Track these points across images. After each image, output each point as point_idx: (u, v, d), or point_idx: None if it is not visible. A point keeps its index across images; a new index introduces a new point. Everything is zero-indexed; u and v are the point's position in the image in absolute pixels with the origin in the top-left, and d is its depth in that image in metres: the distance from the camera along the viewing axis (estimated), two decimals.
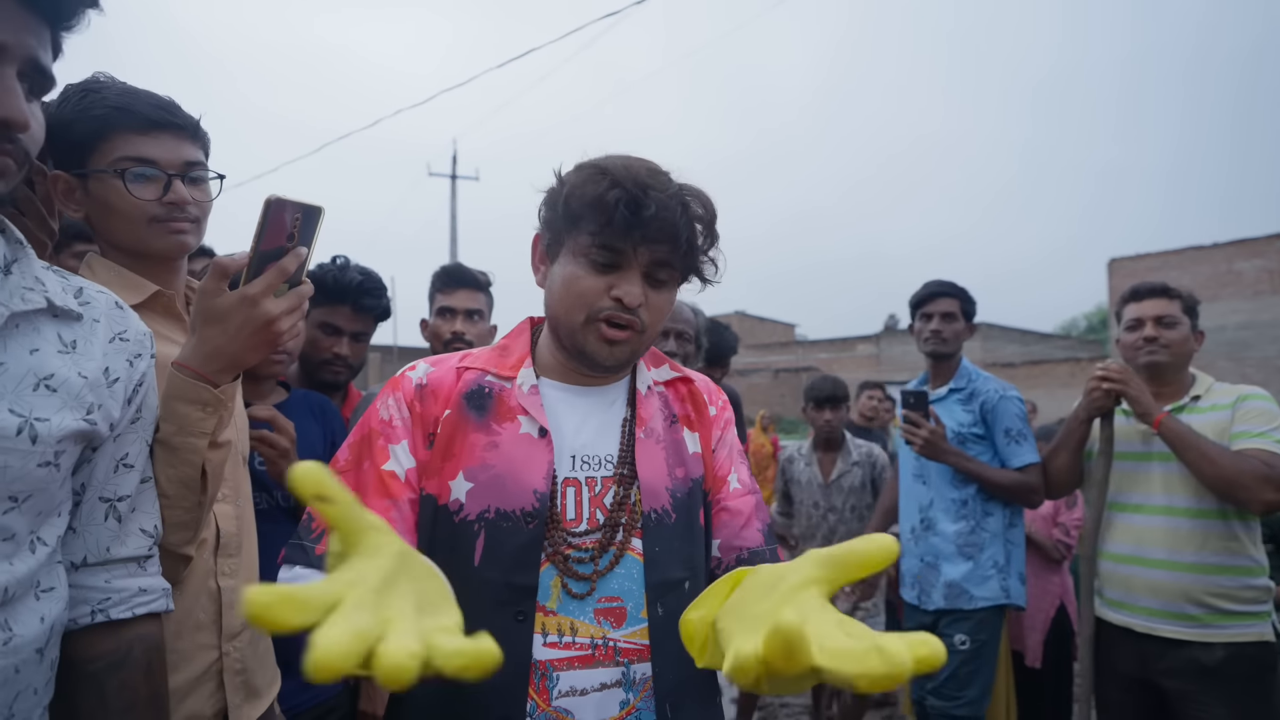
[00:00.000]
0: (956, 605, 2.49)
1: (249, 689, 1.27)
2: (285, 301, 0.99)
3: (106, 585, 0.93)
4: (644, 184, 0.97)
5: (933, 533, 2.58)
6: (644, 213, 0.95)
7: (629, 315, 0.99)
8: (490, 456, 0.99)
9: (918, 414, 2.51)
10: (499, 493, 0.97)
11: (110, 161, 1.13)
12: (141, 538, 0.98)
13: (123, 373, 0.94)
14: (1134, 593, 2.15)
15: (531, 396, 1.04)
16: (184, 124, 1.19)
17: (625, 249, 0.98)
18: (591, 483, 1.02)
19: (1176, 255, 14.29)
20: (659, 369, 1.16)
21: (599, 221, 0.97)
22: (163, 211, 1.16)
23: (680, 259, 1.00)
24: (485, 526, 0.96)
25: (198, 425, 1.01)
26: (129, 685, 0.93)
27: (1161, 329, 2.19)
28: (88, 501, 0.93)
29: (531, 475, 0.98)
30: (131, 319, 0.99)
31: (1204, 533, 2.06)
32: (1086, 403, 2.25)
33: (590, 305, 0.99)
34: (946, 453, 2.48)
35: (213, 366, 0.99)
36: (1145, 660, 2.12)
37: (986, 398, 2.56)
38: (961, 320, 2.66)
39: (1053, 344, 20.50)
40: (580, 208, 0.98)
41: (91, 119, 1.13)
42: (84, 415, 0.87)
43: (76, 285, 0.94)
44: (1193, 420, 2.12)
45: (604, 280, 0.99)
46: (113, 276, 1.18)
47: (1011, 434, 2.50)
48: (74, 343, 0.89)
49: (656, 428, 1.08)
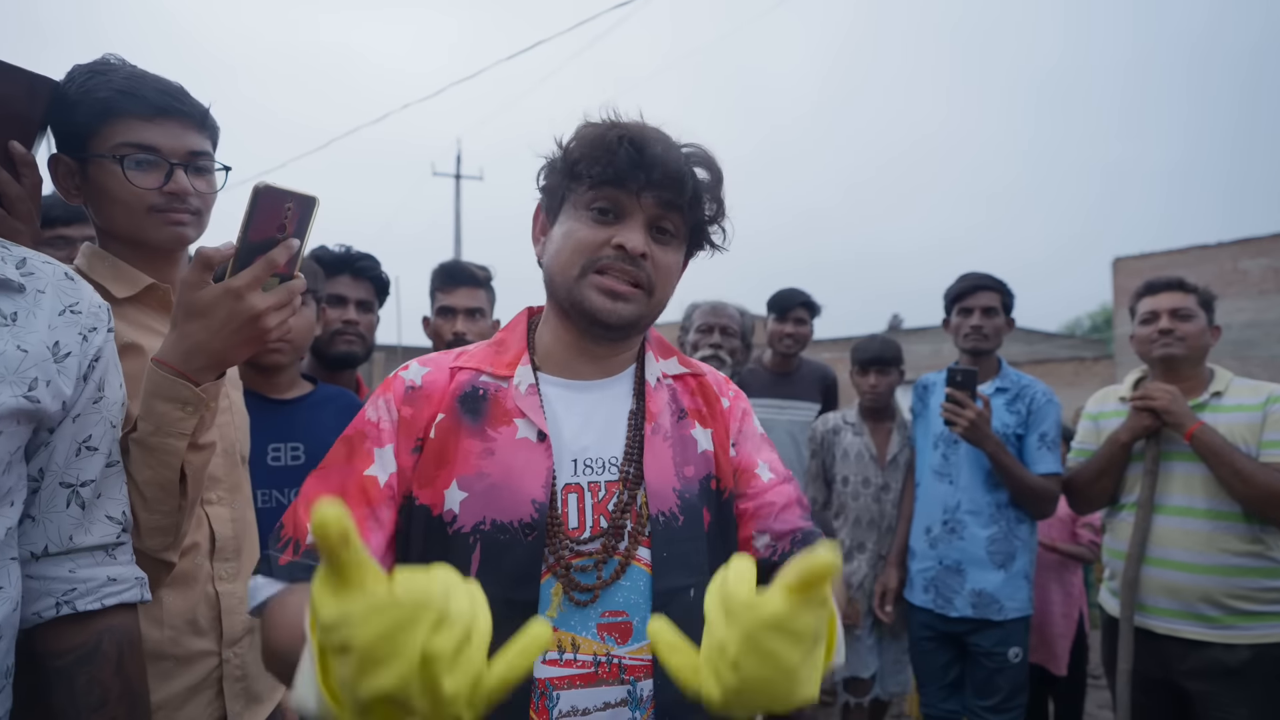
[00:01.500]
0: (985, 615, 2.40)
1: (250, 695, 1.24)
2: (274, 296, 0.94)
3: (71, 575, 0.89)
4: (647, 130, 0.94)
5: (958, 536, 2.48)
6: (647, 153, 0.92)
7: (632, 267, 0.94)
8: (486, 464, 0.93)
9: (964, 393, 2.34)
10: (495, 503, 0.92)
11: (111, 147, 1.10)
12: (108, 525, 0.93)
13: (75, 347, 0.89)
14: (1153, 594, 2.12)
15: (529, 397, 0.97)
16: (191, 112, 1.16)
17: (628, 196, 0.94)
18: (595, 488, 0.96)
19: (1181, 254, 14.19)
20: (667, 360, 1.10)
21: (601, 164, 0.93)
22: (162, 201, 1.13)
23: (687, 209, 0.96)
24: (481, 539, 0.91)
25: (177, 425, 0.96)
26: (99, 680, 0.89)
27: (1177, 321, 2.15)
28: (47, 487, 0.88)
29: (529, 483, 0.93)
30: (84, 291, 0.93)
31: (1223, 534, 2.03)
32: (1130, 425, 2.20)
33: (590, 254, 0.94)
34: (988, 439, 2.34)
35: (194, 364, 0.95)
36: (1167, 662, 2.09)
37: (1034, 398, 2.47)
38: (1002, 315, 2.55)
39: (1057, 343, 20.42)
40: (581, 154, 0.95)
41: (95, 101, 1.09)
42: (25, 392, 0.81)
43: (19, 255, 0.88)
44: (1218, 419, 2.09)
45: (605, 231, 0.95)
46: (106, 267, 1.15)
47: (1046, 440, 2.42)
48: (14, 315, 0.83)
49: (664, 423, 1.02)
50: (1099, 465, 2.29)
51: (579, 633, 0.92)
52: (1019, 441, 2.44)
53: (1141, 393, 2.18)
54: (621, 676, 0.92)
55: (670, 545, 0.96)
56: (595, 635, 0.92)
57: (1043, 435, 2.42)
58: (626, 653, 0.92)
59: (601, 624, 0.93)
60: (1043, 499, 2.36)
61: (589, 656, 0.91)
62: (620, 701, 0.91)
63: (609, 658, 0.92)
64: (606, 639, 0.92)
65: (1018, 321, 2.69)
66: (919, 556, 2.59)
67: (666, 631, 0.66)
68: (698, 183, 0.96)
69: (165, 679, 1.12)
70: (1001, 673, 2.39)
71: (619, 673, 0.92)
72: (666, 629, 0.66)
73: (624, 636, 0.93)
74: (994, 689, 2.40)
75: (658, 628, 0.66)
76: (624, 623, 0.93)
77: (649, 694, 0.93)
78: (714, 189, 0.99)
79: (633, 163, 0.92)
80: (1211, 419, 2.10)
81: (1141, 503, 2.17)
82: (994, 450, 2.34)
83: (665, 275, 0.98)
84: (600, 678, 0.91)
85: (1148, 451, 2.19)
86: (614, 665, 0.92)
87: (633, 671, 0.92)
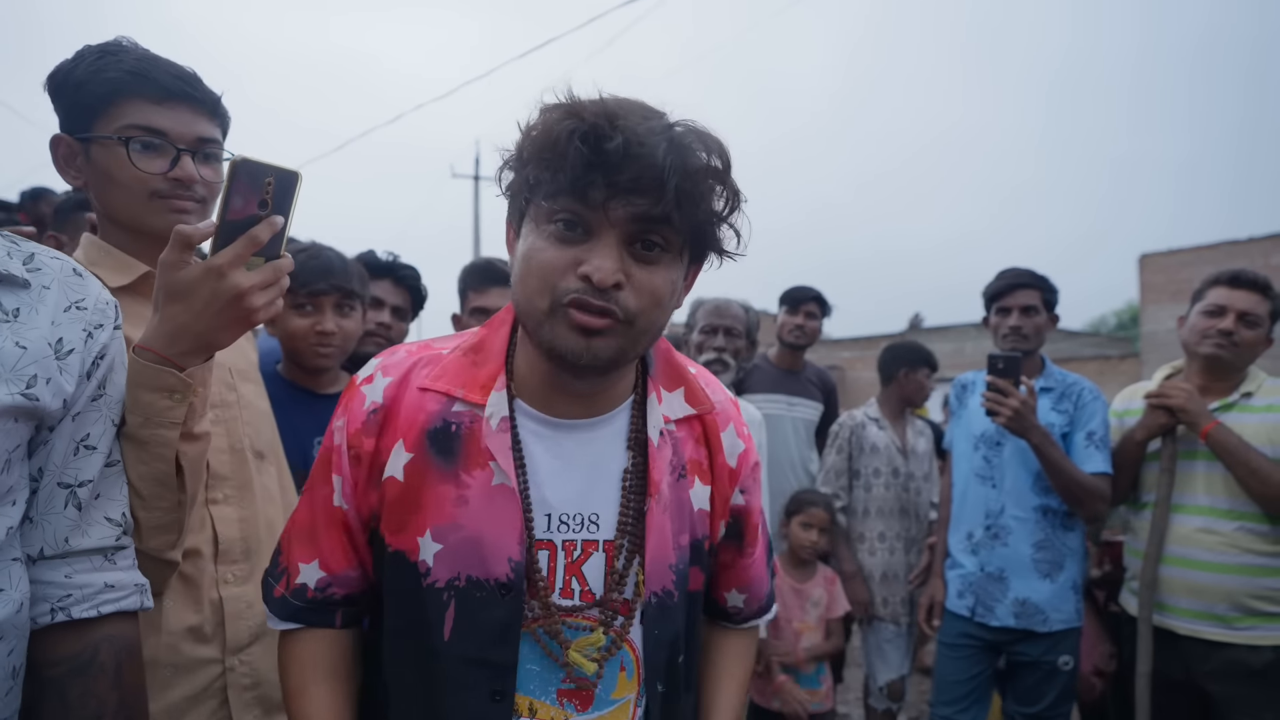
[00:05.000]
0: (1029, 626, 2.30)
1: (266, 704, 1.20)
2: (258, 275, 0.89)
3: (67, 581, 0.85)
4: (611, 114, 0.73)
5: (1001, 543, 2.37)
6: (607, 147, 0.71)
7: (600, 300, 0.76)
8: (460, 514, 0.85)
9: (1007, 381, 2.22)
10: (470, 558, 0.84)
11: (117, 128, 1.07)
12: (107, 527, 0.89)
13: (79, 344, 0.86)
14: (1175, 594, 2.07)
15: (500, 435, 0.85)
16: (203, 98, 1.12)
17: (591, 207, 0.74)
18: (570, 547, 0.86)
19: (1211, 250, 13.89)
20: (673, 395, 0.93)
21: (553, 169, 0.73)
22: (166, 187, 1.09)
23: (677, 215, 0.74)
24: (455, 596, 0.84)
25: (166, 414, 0.92)
26: (94, 693, 0.85)
27: (1242, 326, 2.06)
28: (45, 488, 0.85)
29: (505, 539, 0.84)
30: (91, 286, 0.90)
31: (1246, 534, 1.99)
32: (1145, 423, 2.15)
33: (554, 287, 0.76)
34: (1034, 429, 2.21)
35: (178, 348, 0.90)
36: (1188, 663, 2.05)
37: (1081, 395, 2.36)
38: (1044, 312, 2.45)
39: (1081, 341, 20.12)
40: (532, 155, 0.76)
41: (104, 81, 1.06)
42: (22, 389, 0.79)
43: (27, 251, 0.86)
44: (1246, 420, 2.04)
45: (570, 253, 0.76)
46: (101, 255, 1.12)
47: (1094, 438, 2.31)
48: (16, 311, 0.81)
49: (665, 491, 0.89)
50: (1114, 462, 2.26)
51: (537, 697, 0.86)
52: (1064, 441, 2.34)
53: (1158, 390, 2.13)
54: None
55: (662, 624, 0.90)
56: (554, 701, 0.86)
57: (1090, 433, 2.32)
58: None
59: (562, 689, 0.86)
60: (1094, 497, 2.24)
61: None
62: None
63: None
64: (566, 705, 0.86)
65: None
66: (958, 562, 2.49)
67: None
68: (687, 177, 0.73)
69: (162, 688, 1.09)
70: (1050, 679, 2.30)
71: None
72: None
73: (584, 704, 0.86)
74: (1039, 695, 2.30)
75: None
76: (586, 691, 0.87)
77: None
78: (716, 177, 0.77)
79: (591, 165, 0.72)
80: (1240, 419, 2.06)
81: (1159, 502, 2.13)
82: (1040, 441, 2.22)
83: (653, 299, 0.79)
84: None
85: (1164, 450, 2.15)
86: None
87: None
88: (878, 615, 2.93)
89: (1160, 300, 14.42)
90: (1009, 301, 2.46)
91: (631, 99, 0.77)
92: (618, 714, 0.88)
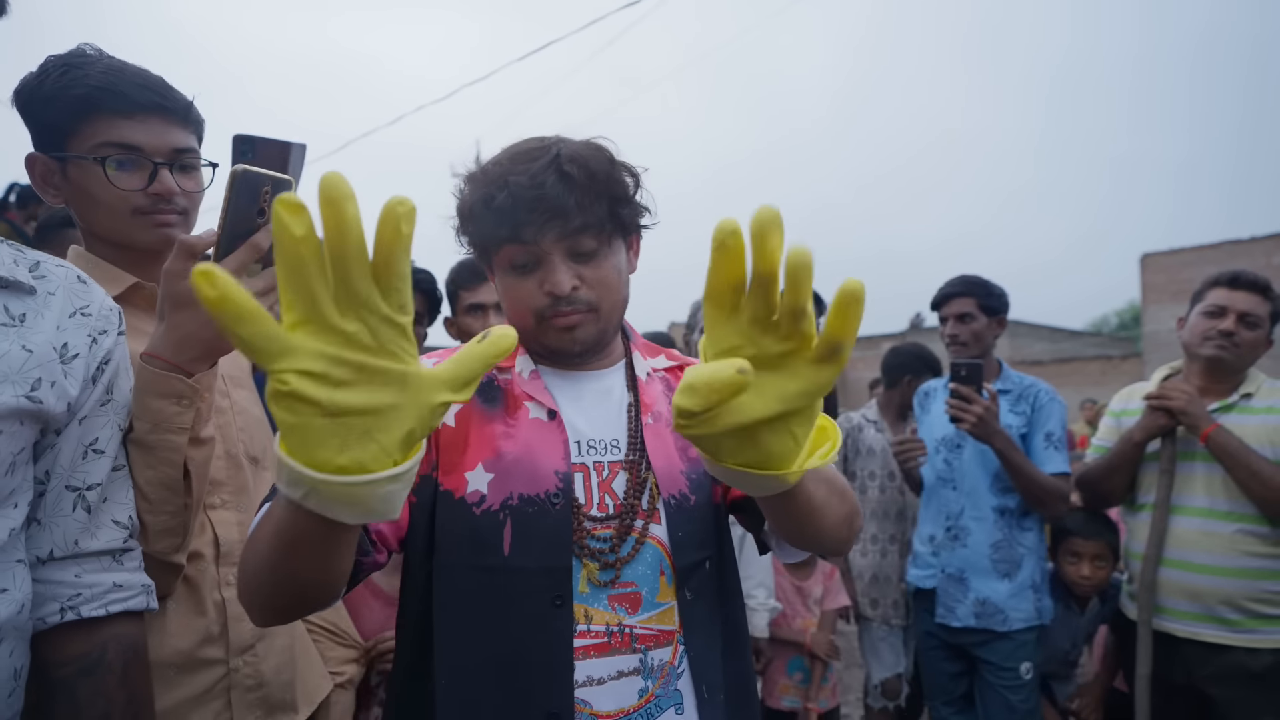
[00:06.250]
0: (989, 626, 2.33)
1: (269, 704, 1.20)
2: (260, 281, 0.92)
3: (76, 580, 0.87)
4: (503, 178, 0.94)
5: (960, 544, 2.41)
6: (524, 200, 0.92)
7: (569, 306, 0.97)
8: (507, 445, 0.98)
9: (970, 388, 2.26)
10: (521, 478, 0.96)
11: (91, 147, 1.05)
12: (115, 529, 0.92)
13: (83, 349, 0.88)
14: (1173, 596, 2.07)
15: (534, 381, 1.03)
16: (174, 107, 1.11)
17: (528, 244, 0.95)
18: (599, 468, 1.00)
19: (1213, 249, 13.87)
20: (655, 359, 1.14)
21: (491, 231, 0.96)
22: (147, 203, 1.09)
23: (591, 219, 0.95)
24: (511, 514, 0.94)
25: (174, 420, 0.94)
26: (103, 692, 0.87)
27: (1242, 327, 2.05)
28: (53, 490, 0.87)
29: (551, 457, 0.97)
30: (95, 294, 0.93)
31: (1246, 536, 1.98)
32: (1144, 424, 2.15)
33: (534, 308, 0.98)
34: (997, 434, 2.24)
35: (185, 355, 0.92)
36: (1188, 666, 2.04)
37: (1038, 397, 2.40)
38: (982, 318, 2.49)
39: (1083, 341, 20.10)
40: (472, 229, 1.00)
41: (71, 99, 1.04)
42: (26, 392, 0.81)
43: (33, 258, 0.88)
44: (1246, 421, 2.03)
45: (533, 279, 0.98)
46: (89, 267, 1.11)
47: (1052, 439, 2.35)
48: (22, 316, 0.83)
49: (662, 411, 1.06)
50: (1110, 463, 2.26)
51: (591, 605, 0.95)
52: (1023, 442, 2.38)
53: (1158, 392, 2.12)
54: (633, 646, 0.95)
55: (685, 525, 1.00)
56: (607, 606, 0.95)
57: (1048, 435, 2.36)
58: (637, 622, 0.96)
59: (612, 595, 0.96)
60: (1055, 498, 2.29)
61: (601, 627, 0.94)
62: (633, 670, 0.94)
63: (620, 628, 0.95)
64: (618, 609, 0.95)
65: (1039, 319, 2.65)
66: (921, 566, 2.54)
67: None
68: (583, 194, 0.94)
69: (167, 687, 1.09)
70: (1014, 691, 2.31)
71: (630, 642, 0.95)
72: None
73: (634, 607, 0.96)
74: (1008, 710, 2.31)
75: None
76: (634, 593, 0.96)
77: (660, 662, 0.96)
78: (604, 173, 0.96)
79: (514, 222, 0.93)
80: (1240, 420, 2.05)
81: (1158, 504, 2.13)
82: (1003, 446, 2.25)
83: (606, 285, 0.99)
84: (613, 647, 0.94)
85: (1163, 452, 2.14)
86: (626, 635, 0.95)
87: (644, 641, 0.96)
88: (866, 615, 2.95)
89: (1162, 300, 14.42)
90: (945, 310, 2.54)
91: (523, 144, 0.98)
92: (664, 616, 0.98)
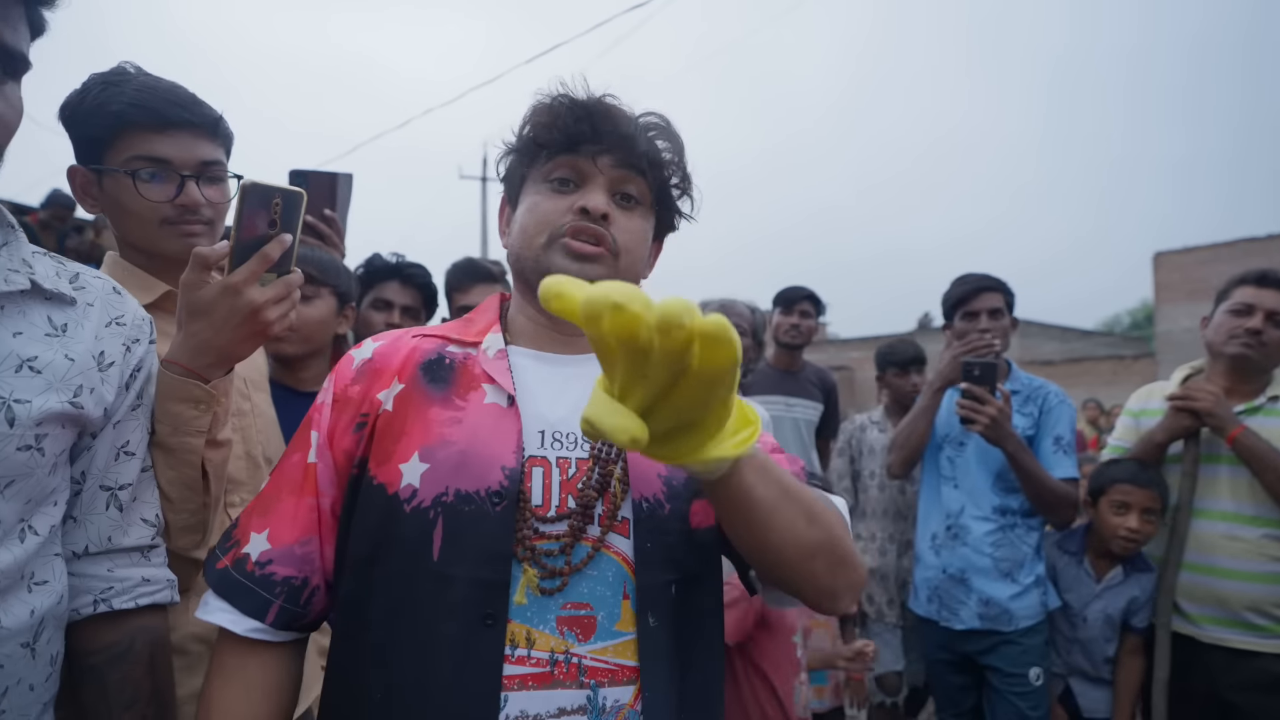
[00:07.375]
0: (994, 627, 2.27)
1: None
2: (271, 290, 0.97)
3: (109, 574, 0.94)
4: (593, 93, 0.94)
5: (961, 543, 2.34)
6: (598, 117, 0.91)
7: (596, 226, 0.90)
8: (452, 432, 0.85)
9: (983, 388, 2.18)
10: (460, 472, 0.83)
11: (123, 160, 1.13)
12: (144, 527, 0.98)
13: (118, 357, 0.94)
14: (1198, 601, 2.03)
15: (498, 361, 0.91)
16: (201, 122, 1.18)
17: (585, 161, 0.92)
18: (564, 464, 0.87)
19: (1227, 248, 13.70)
20: None
21: (553, 132, 0.92)
22: (174, 213, 1.16)
23: (648, 171, 0.94)
24: (443, 512, 0.82)
25: (193, 423, 1.00)
26: (131, 679, 0.93)
27: (1270, 326, 2.01)
28: (88, 490, 0.93)
29: (500, 449, 0.84)
30: (129, 304, 0.99)
31: (1273, 540, 1.95)
32: (1167, 425, 2.10)
33: (553, 224, 0.92)
34: (1009, 437, 2.17)
35: (202, 361, 0.98)
36: (1212, 673, 2.00)
37: (1047, 399, 2.34)
38: (1007, 315, 2.44)
39: (1094, 341, 19.94)
40: (534, 129, 0.95)
41: (107, 114, 1.12)
42: (70, 398, 0.86)
43: (73, 270, 0.94)
44: (1273, 424, 1.99)
45: (566, 199, 0.92)
46: (125, 275, 1.18)
47: (1061, 443, 2.30)
48: (64, 326, 0.89)
49: None
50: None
51: (535, 625, 0.81)
52: (1030, 444, 2.31)
53: (1183, 392, 2.07)
54: (580, 679, 0.80)
55: (654, 535, 0.86)
56: (554, 630, 0.81)
57: (1058, 439, 2.30)
58: (587, 652, 0.81)
59: (562, 617, 0.82)
60: (1065, 504, 2.23)
61: (544, 654, 0.80)
62: (577, 708, 0.79)
63: (567, 655, 0.80)
64: (566, 634, 0.81)
65: (1049, 319, 2.60)
66: (923, 564, 2.47)
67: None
68: (653, 145, 0.95)
69: (188, 675, 1.15)
70: (1024, 698, 2.25)
71: (577, 674, 0.80)
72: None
73: (586, 633, 0.82)
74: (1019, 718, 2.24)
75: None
76: (587, 617, 0.82)
77: (615, 704, 0.80)
78: (673, 154, 0.97)
79: (584, 127, 0.91)
80: (1267, 423, 2.00)
81: (1180, 506, 2.08)
82: (1015, 450, 2.19)
83: (632, 239, 0.94)
84: (556, 678, 0.80)
85: (1186, 454, 2.09)
86: (572, 665, 0.80)
87: (594, 675, 0.80)
88: (864, 612, 2.97)
89: (1175, 299, 14.26)
90: (976, 305, 2.41)
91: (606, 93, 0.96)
92: (622, 649, 0.82)
